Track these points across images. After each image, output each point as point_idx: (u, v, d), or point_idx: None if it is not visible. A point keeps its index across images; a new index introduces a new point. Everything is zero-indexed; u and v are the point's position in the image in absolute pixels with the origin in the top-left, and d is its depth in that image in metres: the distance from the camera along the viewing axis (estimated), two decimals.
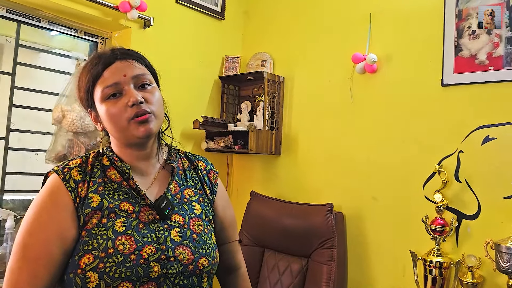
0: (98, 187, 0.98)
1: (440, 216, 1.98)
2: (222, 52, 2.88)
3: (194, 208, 1.06)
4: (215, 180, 1.17)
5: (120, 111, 0.97)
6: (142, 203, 0.99)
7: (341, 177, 2.40)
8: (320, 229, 2.27)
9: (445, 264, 1.93)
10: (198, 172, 1.15)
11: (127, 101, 0.97)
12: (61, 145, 2.18)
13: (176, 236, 0.98)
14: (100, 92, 0.99)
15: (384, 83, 2.28)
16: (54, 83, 2.32)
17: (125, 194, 1.00)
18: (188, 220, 1.03)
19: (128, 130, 0.97)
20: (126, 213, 0.97)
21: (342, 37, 2.47)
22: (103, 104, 0.99)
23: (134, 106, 0.96)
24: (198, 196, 1.10)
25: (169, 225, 1.00)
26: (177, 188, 1.07)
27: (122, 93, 0.98)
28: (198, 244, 1.00)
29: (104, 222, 0.94)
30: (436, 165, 2.02)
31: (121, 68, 1.00)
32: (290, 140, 2.67)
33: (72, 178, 0.97)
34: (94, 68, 1.00)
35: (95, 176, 1.00)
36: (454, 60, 2.04)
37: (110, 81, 0.98)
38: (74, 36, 2.36)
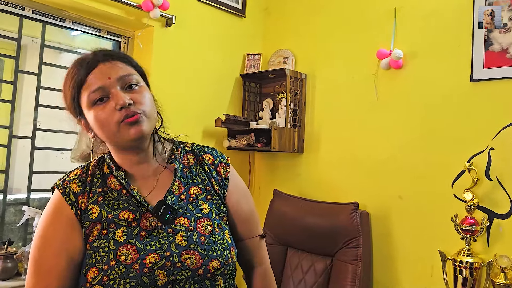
0: (98, 198, 0.97)
1: (470, 215, 1.93)
2: (243, 50, 2.87)
3: (201, 207, 1.01)
4: (225, 173, 1.09)
5: (108, 116, 0.92)
6: (143, 210, 0.96)
7: (365, 176, 2.36)
8: (345, 228, 2.23)
9: (476, 264, 1.88)
10: (204, 167, 1.08)
11: (115, 104, 0.92)
12: (86, 144, 2.19)
13: (181, 240, 0.94)
14: (86, 98, 0.94)
15: (410, 79, 2.22)
16: None
17: (125, 202, 0.97)
18: (195, 221, 0.98)
19: (119, 134, 0.93)
20: (126, 222, 0.94)
21: (366, 32, 2.42)
22: (91, 110, 0.94)
23: (123, 109, 0.92)
24: (205, 194, 1.04)
25: (174, 229, 0.95)
26: (181, 188, 1.02)
27: (109, 97, 0.93)
28: (208, 246, 0.95)
29: (105, 234, 0.93)
30: (466, 163, 1.97)
31: (105, 70, 0.95)
32: (312, 138, 2.64)
33: (72, 191, 0.97)
34: (77, 74, 0.95)
35: (95, 186, 0.98)
36: (484, 54, 1.98)
37: (95, 86, 0.93)
38: (97, 36, 2.37)
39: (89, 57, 0.97)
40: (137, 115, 0.93)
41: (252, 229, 1.12)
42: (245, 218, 1.11)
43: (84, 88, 0.94)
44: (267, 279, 1.14)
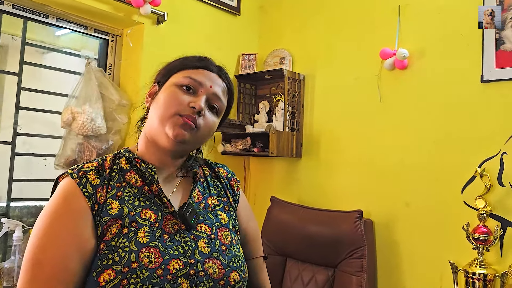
0: (117, 193, 0.88)
1: (483, 224, 1.82)
2: (238, 50, 2.74)
3: (220, 217, 0.98)
4: (237, 188, 1.09)
5: (178, 101, 0.91)
6: (165, 211, 0.90)
7: (369, 182, 2.25)
8: (348, 238, 2.11)
9: (490, 276, 1.77)
10: (220, 179, 1.06)
11: (192, 101, 0.91)
12: (71, 149, 2.04)
13: (204, 247, 0.89)
14: (180, 77, 0.95)
15: (416, 80, 2.12)
16: (63, 83, 2.17)
17: (146, 200, 0.90)
18: (216, 230, 0.94)
19: (167, 122, 0.90)
20: (149, 221, 0.87)
21: (368, 31, 2.31)
22: (172, 87, 0.94)
23: (192, 109, 0.91)
24: (223, 205, 1.02)
25: (196, 235, 0.90)
26: (200, 196, 0.98)
27: (194, 94, 0.94)
28: (228, 257, 0.91)
29: (125, 232, 0.83)
30: (478, 168, 1.86)
31: (213, 80, 0.97)
32: (312, 142, 2.51)
33: (90, 182, 0.87)
34: (194, 61, 0.98)
35: (113, 180, 0.90)
36: (495, 54, 1.88)
37: (197, 78, 0.95)
38: (83, 34, 2.22)
39: (214, 63, 1.02)
40: (193, 124, 0.90)
41: (257, 249, 1.09)
42: (252, 237, 1.08)
43: (188, 71, 0.96)
44: None
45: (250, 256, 1.06)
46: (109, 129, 2.12)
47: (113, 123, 2.14)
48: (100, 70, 2.17)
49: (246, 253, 1.04)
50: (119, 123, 2.14)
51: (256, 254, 1.07)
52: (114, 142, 2.13)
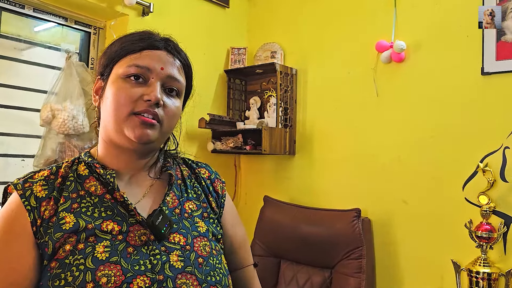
0: (72, 204, 0.77)
1: (486, 221, 1.76)
2: (227, 43, 2.63)
3: (197, 225, 0.85)
4: (222, 191, 0.96)
5: (130, 98, 0.79)
6: (131, 221, 0.78)
7: (365, 179, 2.17)
8: (346, 238, 2.03)
9: (494, 275, 1.71)
10: (201, 181, 0.93)
11: (145, 93, 0.79)
12: (51, 149, 1.90)
13: (177, 261, 0.77)
14: (124, 66, 0.81)
15: (413, 73, 2.04)
16: (42, 79, 2.03)
17: (108, 210, 0.78)
18: (192, 240, 0.81)
19: (124, 124, 0.78)
20: (110, 234, 0.76)
21: (363, 23, 2.23)
22: (119, 81, 0.80)
23: (149, 102, 0.79)
24: (201, 211, 0.88)
25: (167, 247, 0.78)
26: (175, 201, 0.85)
27: (146, 83, 0.81)
28: (206, 270, 0.79)
29: (81, 248, 0.73)
30: (480, 163, 1.80)
31: (163, 59, 0.83)
32: (305, 139, 2.43)
33: (34, 195, 0.77)
34: (135, 42, 0.83)
35: (68, 190, 0.79)
36: (496, 45, 1.82)
37: (143, 63, 0.81)
38: (63, 26, 2.08)
39: (158, 37, 0.87)
40: (154, 120, 0.79)
41: (246, 257, 0.97)
42: (240, 244, 0.96)
43: (132, 58, 0.82)
44: None
45: (239, 265, 0.95)
46: (92, 127, 1.99)
47: None
48: (81, 65, 2.04)
49: (234, 263, 0.94)
50: None
51: (245, 263, 0.96)
52: (97, 141, 2.00)
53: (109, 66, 0.83)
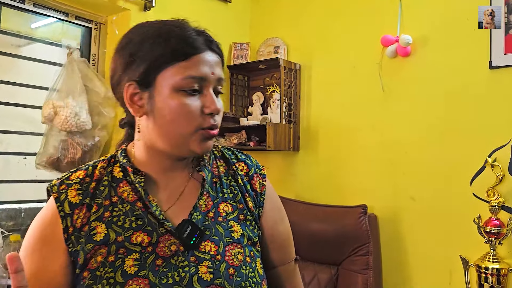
0: (105, 213, 0.76)
1: (495, 216, 1.75)
2: (229, 39, 2.60)
3: (231, 230, 0.80)
4: (261, 188, 0.88)
5: (193, 114, 0.74)
6: (161, 231, 0.75)
7: (371, 176, 2.15)
8: (352, 234, 2.01)
9: (504, 271, 1.70)
10: (237, 179, 0.86)
11: (205, 106, 0.75)
12: (53, 146, 1.88)
13: (205, 273, 0.73)
14: (178, 79, 0.73)
15: (420, 68, 2.02)
16: (43, 75, 2.00)
17: (139, 219, 0.76)
18: (223, 248, 0.77)
19: (187, 140, 0.75)
20: (140, 246, 0.74)
21: (368, 17, 2.20)
22: (174, 95, 0.73)
23: (210, 116, 0.76)
24: (237, 213, 0.83)
25: (197, 257, 0.75)
26: (209, 203, 0.81)
27: (201, 92, 0.76)
28: (237, 282, 0.75)
29: (112, 261, 0.72)
30: (488, 158, 1.78)
31: (212, 62, 0.76)
32: (309, 135, 2.40)
33: (68, 200, 0.76)
34: (180, 42, 0.74)
35: (101, 196, 0.77)
36: (504, 39, 1.80)
37: (198, 73, 0.74)
38: (63, 21, 2.05)
39: (199, 33, 0.78)
40: (216, 130, 0.77)
41: (287, 254, 0.92)
42: (281, 243, 0.90)
43: (182, 66, 0.74)
44: None
45: (279, 263, 0.90)
46: (95, 124, 1.97)
47: (99, 117, 1.98)
48: (83, 61, 2.01)
49: (274, 261, 0.90)
50: (106, 117, 1.99)
51: (286, 260, 0.91)
52: (101, 138, 1.98)
53: (151, 73, 0.74)
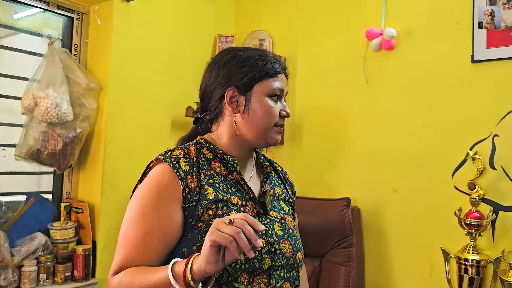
0: (209, 180, 1.00)
1: (475, 209, 1.77)
2: (214, 31, 2.57)
3: (282, 206, 1.10)
4: (292, 182, 1.23)
5: (274, 114, 1.03)
6: (246, 197, 1.02)
7: (355, 168, 2.16)
8: (335, 227, 2.02)
9: (483, 262, 1.72)
10: (279, 173, 1.19)
11: (283, 110, 1.05)
12: (34, 138, 1.85)
13: (278, 229, 1.01)
14: (269, 88, 1.03)
15: (404, 61, 2.03)
16: (23, 66, 1.96)
17: (232, 187, 1.02)
18: (283, 215, 1.06)
19: (267, 132, 1.03)
20: (236, 206, 0.99)
21: (353, 10, 2.21)
22: (265, 99, 1.02)
23: (284, 117, 1.06)
24: (284, 195, 1.14)
25: (271, 219, 1.02)
26: (267, 186, 1.09)
27: (279, 100, 1.05)
28: (294, 239, 1.04)
29: (220, 214, 0.96)
30: (469, 151, 1.80)
31: (285, 81, 1.08)
32: (294, 128, 2.40)
33: (181, 168, 0.97)
34: (274, 66, 1.05)
35: (203, 168, 1.01)
36: (486, 33, 1.81)
37: (281, 86, 1.05)
38: (45, 10, 2.00)
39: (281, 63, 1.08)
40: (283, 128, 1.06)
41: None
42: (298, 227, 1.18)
43: (273, 79, 1.04)
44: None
45: None
46: (77, 115, 1.94)
47: (81, 108, 1.95)
48: (64, 51, 1.98)
49: None
50: (88, 108, 1.96)
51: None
52: (82, 129, 1.95)
53: (249, 84, 1.02)
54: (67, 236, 1.89)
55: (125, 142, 2.06)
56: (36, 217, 1.87)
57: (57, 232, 1.87)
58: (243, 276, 0.92)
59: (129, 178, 2.03)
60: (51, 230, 1.88)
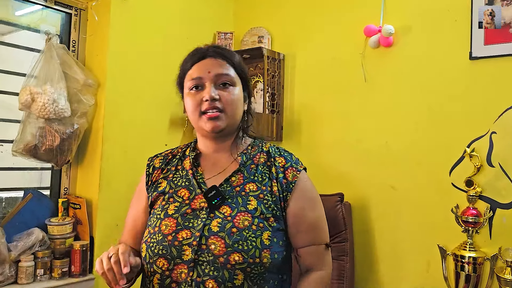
0: (169, 174, 1.14)
1: (472, 206, 1.77)
2: (213, 28, 2.57)
3: (248, 202, 1.04)
4: (293, 177, 1.09)
5: (196, 104, 1.07)
6: (197, 191, 1.07)
7: (353, 165, 2.15)
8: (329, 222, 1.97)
9: (480, 259, 1.72)
10: (271, 168, 1.11)
11: (203, 96, 1.06)
12: (31, 134, 1.85)
13: (215, 226, 1.00)
14: (187, 82, 1.10)
15: (402, 58, 2.03)
16: (20, 62, 1.96)
17: (187, 181, 1.10)
18: (236, 213, 1.02)
19: (199, 122, 1.08)
20: (181, 199, 1.07)
21: (351, 7, 2.20)
22: (187, 96, 1.10)
23: (207, 101, 1.05)
24: (259, 192, 1.07)
25: (215, 215, 1.02)
26: (240, 180, 1.08)
27: (203, 88, 1.07)
28: (235, 239, 0.98)
29: (163, 205, 1.08)
30: (467, 148, 1.80)
31: (209, 64, 1.08)
32: (292, 125, 2.40)
33: (153, 166, 1.18)
34: (187, 61, 1.12)
35: (172, 164, 1.16)
36: (484, 30, 1.81)
37: (195, 75, 1.08)
38: (43, 7, 2.00)
39: (202, 49, 1.12)
40: (217, 112, 1.05)
41: (316, 237, 1.10)
42: (308, 227, 1.09)
43: (188, 74, 1.10)
44: (326, 280, 1.09)
45: (308, 243, 1.08)
46: (74, 111, 1.94)
47: (78, 105, 1.95)
48: (62, 47, 1.97)
49: (303, 240, 1.08)
50: (85, 104, 1.96)
51: (314, 242, 1.09)
52: (80, 125, 1.95)
53: (182, 84, 1.14)
54: (65, 231, 1.89)
55: (123, 138, 2.06)
56: (33, 212, 1.88)
57: (54, 228, 1.88)
58: (161, 261, 1.00)
59: (126, 175, 2.06)
60: (49, 226, 1.88)
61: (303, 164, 1.15)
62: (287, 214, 1.07)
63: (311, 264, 1.10)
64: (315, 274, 1.09)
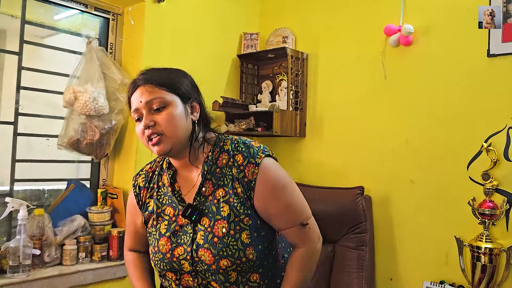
0: (153, 193, 1.22)
1: (489, 199, 1.82)
2: (240, 29, 2.70)
3: (222, 209, 1.11)
4: (253, 175, 1.11)
5: (142, 133, 1.11)
6: (179, 208, 1.16)
7: (373, 160, 2.23)
8: (350, 214, 2.12)
9: (496, 250, 1.78)
10: (233, 169, 1.13)
11: (142, 127, 1.11)
12: (74, 129, 2.02)
13: (200, 239, 1.11)
14: (132, 114, 1.15)
15: (421, 56, 2.09)
16: (64, 63, 2.15)
17: (169, 198, 1.19)
18: (213, 223, 1.11)
19: (150, 148, 1.13)
20: (168, 216, 1.17)
21: (372, 7, 2.28)
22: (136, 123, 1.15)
23: (146, 130, 1.10)
24: (228, 196, 1.12)
25: (198, 228, 1.12)
26: (210, 188, 1.14)
27: (142, 117, 1.11)
28: (219, 247, 1.08)
29: (155, 224, 1.20)
30: (484, 143, 1.85)
31: (140, 94, 1.11)
32: (315, 121, 2.50)
33: (138, 185, 1.27)
34: (128, 95, 1.17)
35: (153, 182, 1.24)
36: (502, 27, 1.86)
37: (133, 107, 1.13)
38: (83, 12, 2.18)
39: (135, 79, 1.15)
40: (157, 137, 1.09)
41: (290, 219, 1.14)
42: (278, 213, 1.13)
43: (131, 105, 1.14)
44: (306, 257, 1.16)
45: (283, 227, 1.15)
46: (112, 108, 2.10)
47: (116, 102, 2.12)
48: (101, 49, 2.15)
49: (280, 224, 1.15)
50: (122, 102, 2.12)
51: (290, 225, 1.14)
52: (117, 121, 2.11)
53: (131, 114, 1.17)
54: (103, 219, 2.06)
55: None
56: (75, 201, 2.05)
57: (94, 215, 2.05)
58: (169, 274, 1.16)
59: None
60: (89, 213, 2.06)
61: (267, 149, 1.16)
62: (256, 209, 1.12)
63: (293, 241, 1.17)
64: (296, 252, 1.17)
